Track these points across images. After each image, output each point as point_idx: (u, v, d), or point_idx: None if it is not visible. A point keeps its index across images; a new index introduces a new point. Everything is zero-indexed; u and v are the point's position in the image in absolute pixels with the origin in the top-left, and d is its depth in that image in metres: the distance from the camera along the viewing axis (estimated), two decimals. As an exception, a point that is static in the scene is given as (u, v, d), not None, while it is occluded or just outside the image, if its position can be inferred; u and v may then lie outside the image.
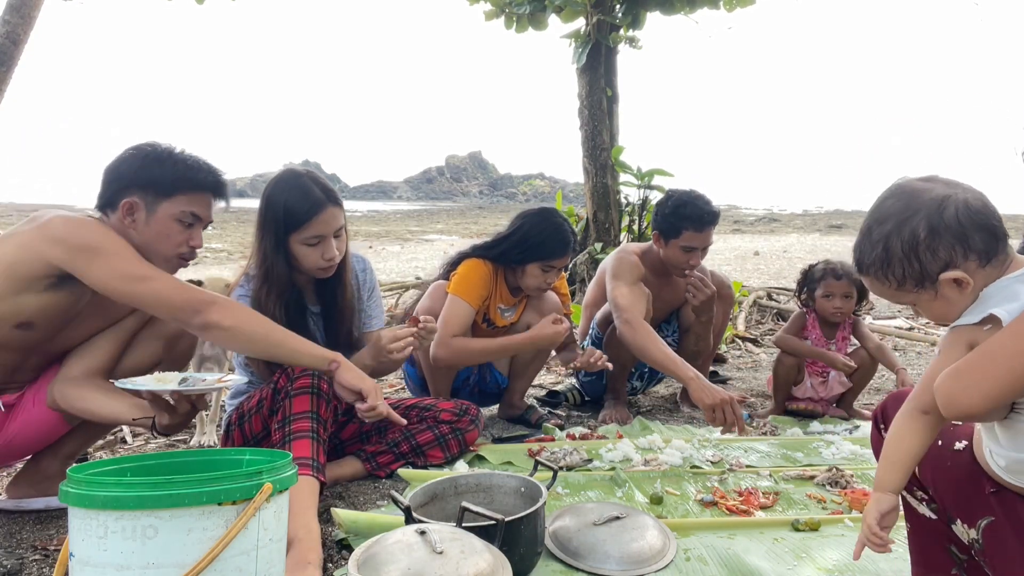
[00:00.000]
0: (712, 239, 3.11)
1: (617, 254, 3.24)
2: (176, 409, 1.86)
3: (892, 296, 1.25)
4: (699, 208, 3.03)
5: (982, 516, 1.24)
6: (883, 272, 1.22)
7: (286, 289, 2.23)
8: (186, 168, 1.96)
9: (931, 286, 1.19)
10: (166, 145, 1.99)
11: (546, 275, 2.87)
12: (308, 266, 2.22)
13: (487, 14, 6.46)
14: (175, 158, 1.96)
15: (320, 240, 2.18)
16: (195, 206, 1.97)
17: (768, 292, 6.67)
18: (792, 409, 3.24)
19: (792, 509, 2.12)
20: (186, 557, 1.19)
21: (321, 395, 2.04)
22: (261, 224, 2.22)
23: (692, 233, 3.03)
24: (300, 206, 2.15)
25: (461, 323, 2.79)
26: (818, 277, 3.17)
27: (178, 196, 1.94)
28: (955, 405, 1.15)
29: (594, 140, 6.10)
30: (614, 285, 3.07)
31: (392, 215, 32.44)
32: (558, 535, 1.81)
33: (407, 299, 6.47)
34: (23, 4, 4.56)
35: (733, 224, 24.64)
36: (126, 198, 1.91)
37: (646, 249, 3.22)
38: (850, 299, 3.12)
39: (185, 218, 1.96)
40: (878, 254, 1.22)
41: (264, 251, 2.20)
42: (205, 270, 10.83)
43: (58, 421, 2.07)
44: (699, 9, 6.09)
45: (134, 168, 1.93)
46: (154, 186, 1.92)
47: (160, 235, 1.94)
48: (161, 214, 1.93)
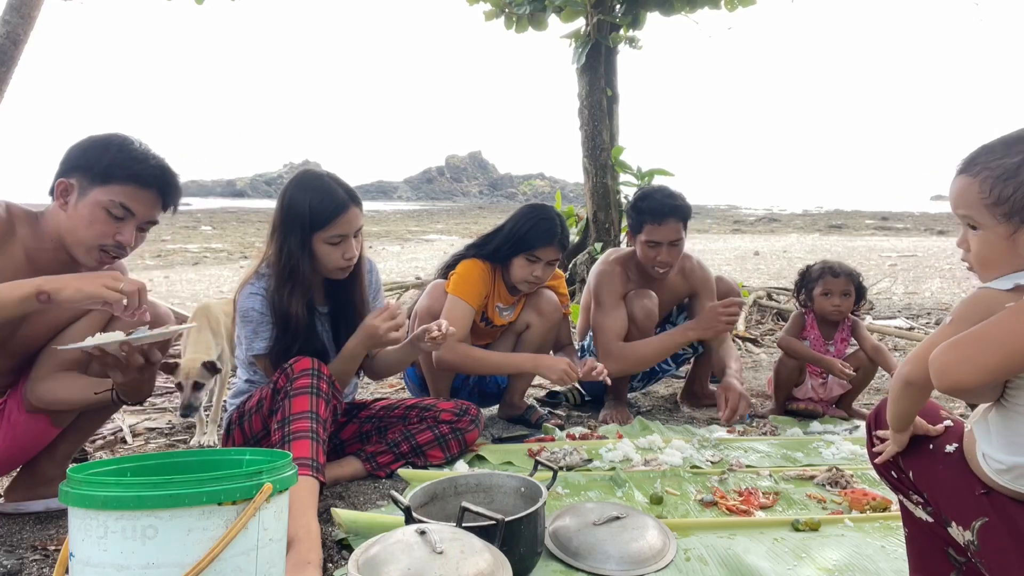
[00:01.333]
0: (678, 234, 2.98)
1: (598, 270, 3.18)
2: (129, 362, 1.79)
3: (970, 206, 1.22)
4: (657, 201, 2.96)
5: (976, 517, 1.25)
6: (995, 179, 1.18)
7: (308, 288, 2.24)
8: (130, 158, 1.86)
9: (1016, 224, 1.17)
10: (129, 136, 1.90)
11: (532, 267, 2.84)
12: (329, 265, 2.24)
13: (487, 14, 6.45)
14: (123, 147, 1.87)
15: (342, 239, 2.22)
16: (128, 199, 1.85)
17: (768, 292, 6.67)
18: (792, 409, 3.24)
19: (792, 509, 2.12)
20: (186, 557, 1.19)
21: (320, 395, 2.04)
22: (283, 223, 2.22)
23: (652, 226, 2.95)
24: (325, 206, 2.18)
25: (462, 324, 2.79)
26: (816, 276, 3.17)
27: (112, 185, 1.83)
28: (947, 376, 1.15)
29: (594, 140, 6.10)
30: (594, 311, 3.10)
31: (392, 215, 32.45)
32: (558, 535, 1.81)
33: (407, 299, 6.48)
34: (23, 4, 4.56)
35: (733, 224, 24.64)
36: (63, 179, 1.85)
37: (630, 255, 3.17)
38: (849, 297, 3.11)
39: (114, 209, 1.84)
40: (1009, 162, 1.18)
41: (289, 250, 2.20)
42: (205, 270, 10.83)
43: (46, 424, 2.06)
44: (699, 9, 6.08)
45: (80, 151, 1.86)
46: (92, 170, 1.83)
47: (85, 221, 1.84)
48: (90, 199, 1.83)
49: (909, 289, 7.92)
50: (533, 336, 3.02)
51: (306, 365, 2.08)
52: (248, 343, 2.25)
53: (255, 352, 2.25)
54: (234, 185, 76.74)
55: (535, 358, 2.85)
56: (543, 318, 3.01)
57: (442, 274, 3.01)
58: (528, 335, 3.03)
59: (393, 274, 9.66)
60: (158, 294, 7.30)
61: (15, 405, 2.03)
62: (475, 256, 2.92)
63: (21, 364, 2.04)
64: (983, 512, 1.24)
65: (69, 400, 2.00)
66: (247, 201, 48.15)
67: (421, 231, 21.48)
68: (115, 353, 1.77)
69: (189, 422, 3.09)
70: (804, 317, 3.23)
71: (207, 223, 21.80)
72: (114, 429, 2.93)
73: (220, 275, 10.02)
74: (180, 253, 13.42)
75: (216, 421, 2.95)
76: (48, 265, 1.88)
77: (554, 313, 3.03)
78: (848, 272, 3.14)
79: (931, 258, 12.28)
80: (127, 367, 1.81)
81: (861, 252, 13.68)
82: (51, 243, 1.89)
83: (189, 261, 12.26)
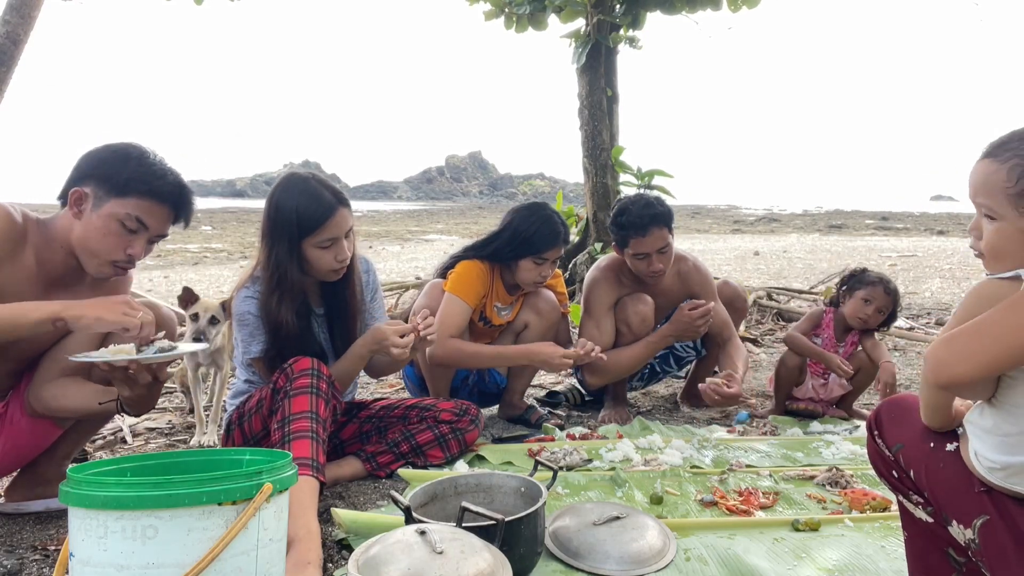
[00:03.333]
0: (665, 240, 2.88)
1: (591, 277, 3.14)
2: (136, 380, 1.80)
3: (991, 194, 1.17)
4: (635, 213, 2.86)
5: (977, 515, 1.24)
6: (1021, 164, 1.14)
7: (297, 295, 2.24)
8: (148, 173, 1.85)
9: None
10: (146, 148, 1.89)
11: (540, 268, 2.86)
12: (321, 268, 2.23)
13: (487, 14, 6.45)
14: (143, 160, 1.85)
15: (333, 242, 2.20)
16: (144, 213, 1.84)
17: (768, 292, 6.66)
18: (792, 409, 3.24)
19: (792, 509, 2.12)
20: (186, 557, 1.19)
21: (320, 394, 2.04)
22: (271, 230, 2.20)
23: (637, 239, 2.87)
24: (313, 210, 2.15)
25: (458, 322, 2.79)
26: (867, 281, 3.11)
27: (129, 198, 1.82)
28: (943, 371, 1.15)
29: (594, 140, 6.10)
30: (582, 320, 3.11)
31: (392, 215, 32.46)
32: (558, 535, 1.81)
33: (407, 299, 6.47)
34: (23, 4, 4.56)
35: (733, 224, 24.64)
36: (78, 187, 1.83)
37: (618, 266, 3.12)
38: (882, 315, 3.10)
39: (129, 222, 1.83)
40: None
41: (276, 257, 2.18)
42: (205, 270, 10.83)
43: (48, 426, 2.05)
44: (700, 9, 6.08)
45: (97, 160, 1.85)
46: (109, 181, 1.82)
47: (99, 233, 1.83)
48: (106, 211, 1.82)
49: (909, 289, 7.91)
50: (531, 336, 3.02)
51: (305, 365, 2.08)
52: (244, 347, 2.26)
53: (251, 355, 2.25)
54: (234, 185, 76.78)
55: (528, 348, 2.85)
56: (541, 318, 3.01)
57: (440, 275, 3.01)
58: (526, 335, 3.03)
59: (393, 274, 9.66)
60: (158, 294, 7.29)
61: (17, 408, 2.03)
62: (473, 257, 2.93)
63: (23, 367, 2.04)
64: (984, 510, 1.23)
65: (73, 408, 2.00)
66: (247, 201, 48.24)
67: (421, 231, 21.48)
68: (123, 367, 1.78)
69: (189, 422, 3.09)
70: (824, 315, 3.22)
71: (207, 223, 21.80)
72: (114, 429, 2.92)
73: (220, 275, 10.02)
74: (180, 253, 13.42)
75: (216, 421, 2.95)
76: (57, 271, 1.89)
77: (552, 313, 3.03)
78: (894, 293, 3.11)
79: (931, 258, 12.28)
80: (135, 383, 1.81)
81: (861, 252, 13.68)
82: (61, 250, 1.89)
83: (189, 261, 12.27)
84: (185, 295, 2.84)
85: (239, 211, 30.78)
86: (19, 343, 1.92)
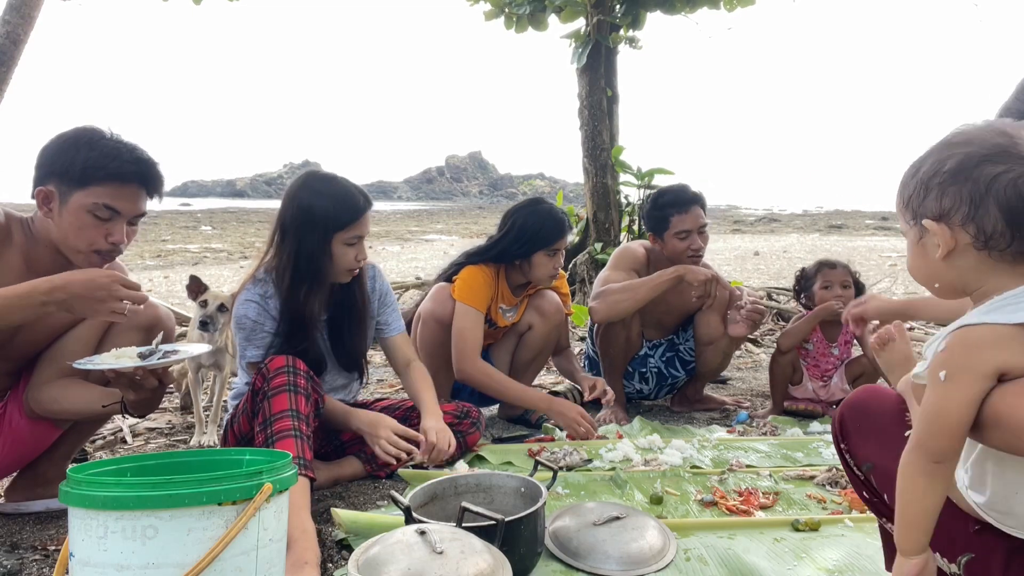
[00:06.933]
0: (703, 219, 3.10)
1: (622, 246, 3.31)
2: (142, 384, 1.79)
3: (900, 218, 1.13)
4: (676, 192, 3.12)
5: (963, 553, 1.15)
6: (901, 185, 1.10)
7: (325, 288, 2.26)
8: (102, 156, 1.77)
9: (916, 225, 1.07)
10: (97, 129, 1.82)
11: (553, 260, 2.89)
12: (342, 267, 2.25)
13: (487, 14, 6.45)
14: (94, 144, 1.78)
15: (358, 240, 2.24)
16: (110, 198, 1.78)
17: (768, 292, 6.67)
18: (792, 409, 3.24)
19: (792, 509, 2.12)
20: (186, 557, 1.19)
21: (299, 391, 2.02)
22: (300, 226, 2.20)
23: (679, 216, 3.06)
24: (348, 206, 2.21)
25: (477, 335, 2.80)
26: (813, 272, 3.18)
27: (92, 187, 1.76)
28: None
29: (594, 140, 6.10)
30: (604, 272, 3.16)
31: (392, 215, 32.46)
32: (558, 535, 1.81)
33: (407, 300, 6.47)
34: (23, 4, 4.56)
35: (733, 224, 24.64)
36: (42, 186, 1.78)
37: (651, 248, 3.23)
38: (849, 288, 3.09)
39: (99, 211, 1.78)
40: (911, 166, 1.10)
41: (309, 251, 2.20)
42: (205, 270, 10.83)
43: (47, 426, 2.05)
44: (699, 9, 6.08)
45: (51, 155, 1.79)
46: (66, 174, 1.76)
47: (73, 228, 1.78)
48: (73, 205, 1.77)
49: (909, 289, 7.91)
50: (535, 337, 3.02)
51: (280, 363, 2.06)
52: (241, 351, 2.25)
53: (248, 360, 2.25)
54: (234, 185, 76.72)
55: (550, 400, 2.82)
56: (545, 319, 3.01)
57: (444, 279, 2.99)
58: (530, 336, 3.03)
59: (393, 274, 9.65)
60: (158, 294, 7.30)
61: (15, 410, 2.02)
62: (478, 262, 2.92)
63: (20, 367, 2.03)
64: (972, 548, 1.14)
65: (75, 411, 1.99)
66: (247, 201, 48.28)
67: (421, 231, 21.48)
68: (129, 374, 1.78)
69: (189, 422, 3.09)
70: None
71: (207, 223, 21.81)
72: (114, 429, 2.92)
73: (220, 275, 10.02)
74: (180, 253, 13.42)
75: (216, 421, 2.95)
76: (46, 268, 1.87)
77: (556, 314, 3.03)
78: (844, 264, 3.15)
79: (931, 258, 12.26)
80: (140, 387, 1.81)
81: (861, 252, 13.68)
82: (46, 247, 1.87)
83: (189, 261, 12.27)
84: (193, 284, 2.88)
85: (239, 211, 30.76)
86: (16, 341, 1.92)
